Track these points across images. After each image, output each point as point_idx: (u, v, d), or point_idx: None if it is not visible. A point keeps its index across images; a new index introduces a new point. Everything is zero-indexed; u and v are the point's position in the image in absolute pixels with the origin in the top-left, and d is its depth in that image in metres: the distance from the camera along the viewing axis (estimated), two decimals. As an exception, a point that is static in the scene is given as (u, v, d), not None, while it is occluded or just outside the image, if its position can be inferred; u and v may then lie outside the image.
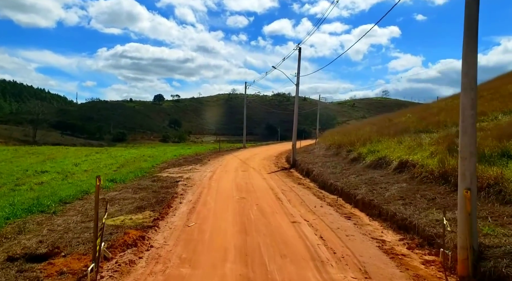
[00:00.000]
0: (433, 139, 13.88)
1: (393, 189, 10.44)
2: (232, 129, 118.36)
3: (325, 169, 15.69)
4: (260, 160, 24.46)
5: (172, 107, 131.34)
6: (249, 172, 17.37)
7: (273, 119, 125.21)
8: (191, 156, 25.68)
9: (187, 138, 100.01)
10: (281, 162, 23.95)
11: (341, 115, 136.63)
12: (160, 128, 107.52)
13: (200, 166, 19.85)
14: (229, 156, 26.94)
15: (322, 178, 14.15)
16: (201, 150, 32.96)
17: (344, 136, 21.48)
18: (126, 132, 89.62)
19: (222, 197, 10.76)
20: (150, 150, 32.97)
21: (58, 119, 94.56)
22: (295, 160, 20.62)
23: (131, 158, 23.44)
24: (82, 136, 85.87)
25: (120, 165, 19.95)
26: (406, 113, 25.71)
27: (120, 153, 29.17)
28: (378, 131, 19.73)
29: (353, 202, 10.68)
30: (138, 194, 10.88)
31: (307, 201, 10.71)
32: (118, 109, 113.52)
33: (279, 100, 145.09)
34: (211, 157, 25.58)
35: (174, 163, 21.13)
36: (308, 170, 16.93)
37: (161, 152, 30.30)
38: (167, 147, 43.85)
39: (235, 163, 21.65)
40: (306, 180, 15.57)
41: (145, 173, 16.64)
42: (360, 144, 17.58)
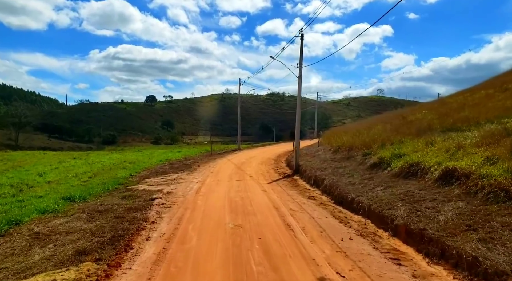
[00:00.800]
0: (476, 140, 10.93)
1: (446, 210, 7.42)
2: (226, 129, 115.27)
3: (339, 178, 12.66)
4: (257, 164, 21.40)
5: (165, 108, 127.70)
6: (246, 182, 14.28)
7: (267, 119, 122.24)
8: (179, 161, 22.55)
9: (180, 139, 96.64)
10: (281, 166, 20.90)
11: (336, 114, 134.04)
12: (152, 129, 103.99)
13: (187, 174, 16.72)
14: (222, 160, 23.84)
15: (338, 190, 11.10)
16: (192, 153, 29.84)
17: (354, 136, 18.49)
18: (116, 135, 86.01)
19: (210, 225, 7.66)
20: (135, 154, 29.76)
21: (46, 122, 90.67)
22: (299, 165, 17.59)
23: (110, 165, 20.27)
24: (70, 140, 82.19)
25: (94, 174, 16.78)
26: (419, 110, 22.78)
27: (100, 158, 25.95)
28: (395, 130, 16.76)
29: (390, 228, 7.66)
30: (92, 222, 7.76)
31: (327, 228, 7.66)
32: (109, 111, 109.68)
33: (274, 99, 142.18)
34: (201, 162, 22.46)
35: (157, 170, 17.99)
36: (316, 178, 13.88)
37: (147, 156, 27.12)
38: (156, 149, 40.66)
39: (228, 169, 18.56)
40: (316, 192, 12.51)
41: (118, 184, 13.52)
42: (377, 145, 14.60)
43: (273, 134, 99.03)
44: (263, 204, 9.94)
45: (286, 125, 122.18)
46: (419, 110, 22.76)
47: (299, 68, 17.46)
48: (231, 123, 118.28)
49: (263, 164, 21.79)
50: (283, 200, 10.62)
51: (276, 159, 25.02)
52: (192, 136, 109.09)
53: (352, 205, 9.80)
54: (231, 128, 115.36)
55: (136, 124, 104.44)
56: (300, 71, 17.46)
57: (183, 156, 27.05)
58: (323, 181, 12.94)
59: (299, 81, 17.70)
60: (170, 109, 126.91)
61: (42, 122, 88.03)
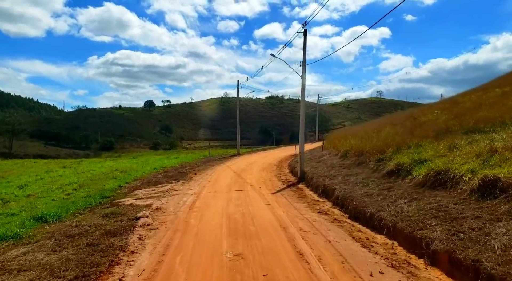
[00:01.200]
0: (510, 143, 9.44)
1: (499, 232, 5.89)
2: (226, 134, 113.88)
3: (352, 187, 11.14)
4: (259, 171, 19.89)
5: (163, 113, 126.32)
6: (247, 192, 12.76)
7: (267, 122, 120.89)
8: (174, 168, 21.02)
9: (179, 144, 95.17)
10: (285, 173, 19.39)
11: (335, 117, 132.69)
12: (151, 135, 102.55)
13: (182, 184, 15.20)
14: (220, 167, 22.32)
15: (353, 203, 9.57)
16: (189, 159, 28.32)
17: (363, 140, 16.99)
18: (113, 141, 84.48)
19: (203, 256, 6.11)
20: (129, 162, 28.22)
21: (43, 129, 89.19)
22: (304, 172, 16.07)
23: (99, 174, 18.74)
24: (67, 146, 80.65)
25: (80, 185, 15.23)
26: (429, 111, 21.34)
27: (91, 166, 24.41)
28: (409, 132, 15.27)
29: (426, 254, 6.16)
30: (57, 252, 6.23)
31: (349, 256, 6.13)
32: (106, 117, 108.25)
33: (273, 103, 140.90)
34: (198, 169, 20.95)
35: (150, 179, 16.46)
36: (325, 187, 12.36)
37: (142, 163, 25.59)
38: (153, 156, 39.12)
39: (227, 178, 17.03)
40: (327, 204, 10.99)
41: (104, 198, 12.00)
42: (392, 150, 13.10)
43: (272, 138, 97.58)
44: (267, 222, 8.42)
45: (285, 129, 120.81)
46: (429, 111, 21.31)
47: (302, 66, 15.99)
48: (230, 127, 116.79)
49: (265, 170, 20.28)
50: (291, 216, 9.09)
51: (278, 165, 23.51)
52: (191, 141, 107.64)
53: (372, 222, 8.28)
54: (230, 132, 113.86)
55: (134, 130, 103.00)
56: (303, 69, 15.99)
57: (180, 162, 25.53)
58: (334, 191, 11.42)
59: (303, 81, 16.23)
60: (168, 114, 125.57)
61: (38, 129, 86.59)
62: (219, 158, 29.37)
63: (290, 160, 27.25)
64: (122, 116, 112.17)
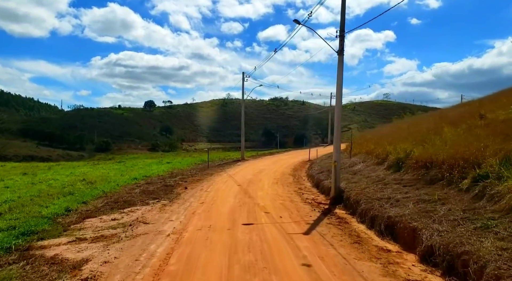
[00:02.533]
0: None
1: None
2: (228, 136, 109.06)
3: (454, 229, 6.01)
4: (271, 183, 14.82)
5: (164, 114, 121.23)
6: (262, 230, 7.61)
7: (270, 124, 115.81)
8: (161, 178, 15.97)
9: (179, 146, 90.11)
10: (306, 187, 14.30)
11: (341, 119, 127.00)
12: (150, 136, 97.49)
13: (161, 207, 10.10)
14: (220, 177, 17.24)
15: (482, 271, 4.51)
16: (184, 164, 23.28)
17: (420, 144, 11.90)
18: (110, 142, 79.39)
19: None
20: (111, 167, 23.14)
21: (37, 128, 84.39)
22: (341, 190, 10.99)
23: (58, 187, 13.69)
24: (61, 147, 75.63)
25: (11, 206, 10.18)
26: (496, 106, 16.21)
27: (60, 173, 19.38)
28: (497, 134, 10.14)
29: None
30: None
31: None
32: (105, 116, 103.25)
33: (277, 104, 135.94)
34: (192, 180, 15.89)
35: (119, 197, 11.40)
36: (393, 223, 7.22)
37: (125, 169, 20.57)
38: (143, 159, 34.06)
39: (229, 196, 11.94)
40: (410, 261, 5.92)
41: (27, 234, 7.11)
42: (496, 161, 8.00)
43: (276, 140, 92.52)
44: None
45: (289, 131, 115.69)
46: (495, 106, 16.17)
47: (339, 37, 10.94)
48: (232, 129, 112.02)
49: (279, 182, 15.21)
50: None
51: (293, 174, 18.46)
52: (192, 143, 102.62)
53: None
54: (232, 134, 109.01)
55: (134, 131, 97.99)
56: (341, 42, 10.93)
57: (171, 169, 20.49)
58: (415, 232, 6.33)
59: (340, 58, 11.17)
60: (169, 115, 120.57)
61: (32, 129, 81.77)
62: (220, 164, 24.25)
63: (306, 167, 22.19)
64: (121, 117, 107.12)
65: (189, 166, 22.56)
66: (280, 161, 26.26)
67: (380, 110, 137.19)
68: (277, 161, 26.25)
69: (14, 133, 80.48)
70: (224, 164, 24.12)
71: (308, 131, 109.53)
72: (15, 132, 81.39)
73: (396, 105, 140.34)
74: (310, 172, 18.16)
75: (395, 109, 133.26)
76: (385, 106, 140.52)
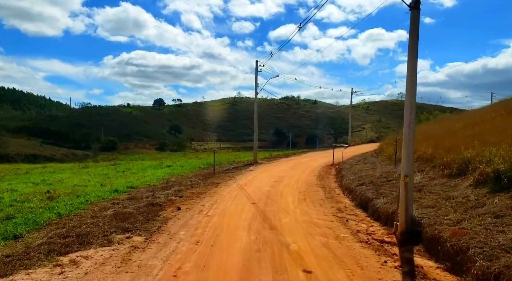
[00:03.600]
0: None
1: None
2: (238, 135, 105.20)
3: None
4: (298, 201, 10.67)
5: (173, 113, 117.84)
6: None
7: (282, 124, 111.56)
8: (150, 190, 11.94)
9: (188, 146, 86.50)
10: (347, 206, 10.08)
11: (354, 119, 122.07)
12: (159, 135, 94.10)
13: (127, 252, 5.98)
14: (228, 189, 13.12)
15: None
16: (186, 169, 19.32)
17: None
18: (117, 141, 76.10)
19: None
20: (97, 171, 19.23)
21: (43, 126, 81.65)
22: (414, 220, 6.83)
23: (0, 205, 9.80)
24: (66, 146, 72.65)
25: None
26: None
27: (32, 179, 15.54)
28: None
29: None
30: None
31: None
32: (113, 115, 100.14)
33: (288, 103, 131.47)
34: (190, 193, 11.81)
35: (73, 228, 7.38)
36: None
37: (110, 176, 16.68)
38: (140, 162, 30.13)
39: (240, 226, 7.78)
40: None
41: None
42: None
43: (288, 140, 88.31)
44: None
45: (301, 131, 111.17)
46: None
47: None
48: (242, 128, 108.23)
49: (308, 199, 11.07)
50: None
51: (321, 184, 14.28)
52: (201, 142, 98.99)
53: None
54: (243, 133, 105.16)
55: (142, 129, 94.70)
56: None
57: (169, 175, 16.53)
58: None
59: (414, 15, 7.03)
60: (179, 114, 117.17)
61: (37, 127, 79.01)
62: (228, 169, 20.14)
63: (332, 173, 18.04)
64: (129, 115, 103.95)
65: (191, 171, 18.56)
66: (299, 165, 22.07)
67: (394, 110, 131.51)
68: (295, 165, 22.06)
69: (18, 131, 77.74)
70: (233, 169, 20.04)
71: (320, 131, 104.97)
72: (20, 130, 78.64)
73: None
74: (343, 182, 13.95)
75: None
76: (399, 106, 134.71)
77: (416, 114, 39.56)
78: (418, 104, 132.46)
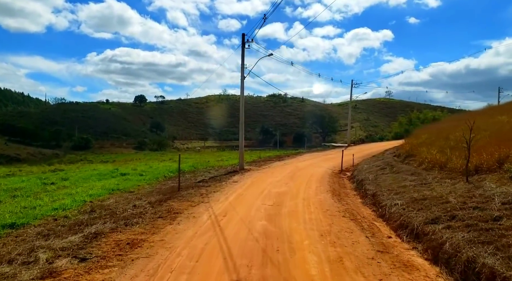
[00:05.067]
0: None
1: None
2: (223, 133, 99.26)
3: None
4: (331, 268, 5.08)
5: (156, 110, 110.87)
6: None
7: (268, 122, 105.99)
8: (41, 235, 6.19)
9: (170, 144, 79.90)
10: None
11: (342, 117, 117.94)
12: (139, 133, 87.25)
13: None
14: (190, 230, 7.15)
15: None
16: (145, 179, 13.48)
17: None
18: (91, 139, 69.07)
19: None
20: (12, 182, 13.19)
21: (11, 123, 73.90)
22: None
23: None
24: (35, 144, 65.30)
25: None
26: None
27: None
28: None
29: None
30: None
31: None
32: (90, 111, 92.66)
33: (275, 101, 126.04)
34: (114, 242, 6.03)
35: None
36: None
37: (19, 193, 10.67)
38: (94, 166, 24.08)
39: None
40: None
41: None
42: None
43: (275, 139, 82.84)
44: None
45: (288, 129, 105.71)
46: None
47: None
48: (229, 126, 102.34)
49: (346, 260, 5.43)
50: None
51: (349, 213, 8.63)
52: (185, 141, 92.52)
53: None
54: (228, 132, 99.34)
55: (120, 127, 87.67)
56: None
57: (110, 192, 10.66)
58: None
59: None
60: (161, 111, 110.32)
61: (4, 123, 71.22)
62: (204, 180, 14.23)
63: (350, 186, 12.48)
64: (108, 112, 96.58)
65: (150, 183, 12.67)
66: (298, 173, 16.38)
67: (382, 108, 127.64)
68: (294, 173, 16.34)
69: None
70: (210, 180, 14.14)
71: (308, 130, 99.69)
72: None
73: (399, 103, 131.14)
74: (385, 208, 8.26)
75: (398, 108, 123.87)
76: (387, 104, 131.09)
77: (407, 113, 34.30)
78: (405, 103, 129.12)
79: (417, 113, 64.25)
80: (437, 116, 59.47)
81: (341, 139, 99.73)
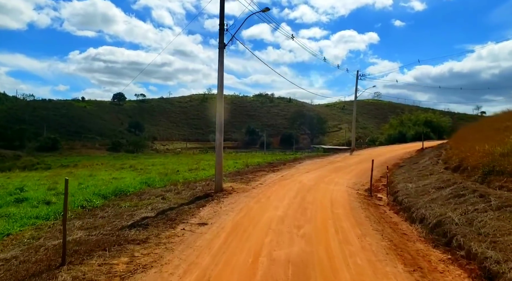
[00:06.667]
0: None
1: None
2: (207, 134, 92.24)
3: None
4: None
5: (135, 109, 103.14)
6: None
7: (254, 123, 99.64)
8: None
9: (149, 145, 72.59)
10: None
11: (330, 118, 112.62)
12: (116, 133, 79.60)
13: None
14: None
15: None
16: (50, 212, 7.16)
17: None
18: (59, 139, 61.31)
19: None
20: None
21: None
22: None
23: None
24: (-5, 144, 57.28)
25: None
26: None
27: None
28: None
29: None
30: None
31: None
32: (62, 109, 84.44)
33: (262, 101, 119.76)
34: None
35: None
36: None
37: None
38: (38, 172, 17.51)
39: None
40: None
41: None
42: None
43: (261, 140, 76.83)
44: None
45: (275, 130, 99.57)
46: None
47: None
48: (212, 127, 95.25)
49: None
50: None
51: None
52: (166, 142, 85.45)
53: None
54: (212, 132, 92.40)
55: (95, 126, 79.83)
56: None
57: None
58: None
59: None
60: (141, 110, 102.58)
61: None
62: (139, 223, 7.87)
63: (434, 249, 6.21)
64: (82, 110, 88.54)
65: (52, 227, 6.22)
66: (309, 196, 10.15)
67: (371, 109, 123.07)
68: (302, 196, 10.09)
69: None
70: (155, 222, 7.74)
71: (295, 131, 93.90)
72: None
73: (388, 105, 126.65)
74: None
75: (387, 109, 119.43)
76: (376, 106, 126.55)
77: (396, 114, 26.72)
78: (394, 104, 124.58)
79: (409, 115, 59.45)
80: (429, 118, 54.81)
81: (329, 141, 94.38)
